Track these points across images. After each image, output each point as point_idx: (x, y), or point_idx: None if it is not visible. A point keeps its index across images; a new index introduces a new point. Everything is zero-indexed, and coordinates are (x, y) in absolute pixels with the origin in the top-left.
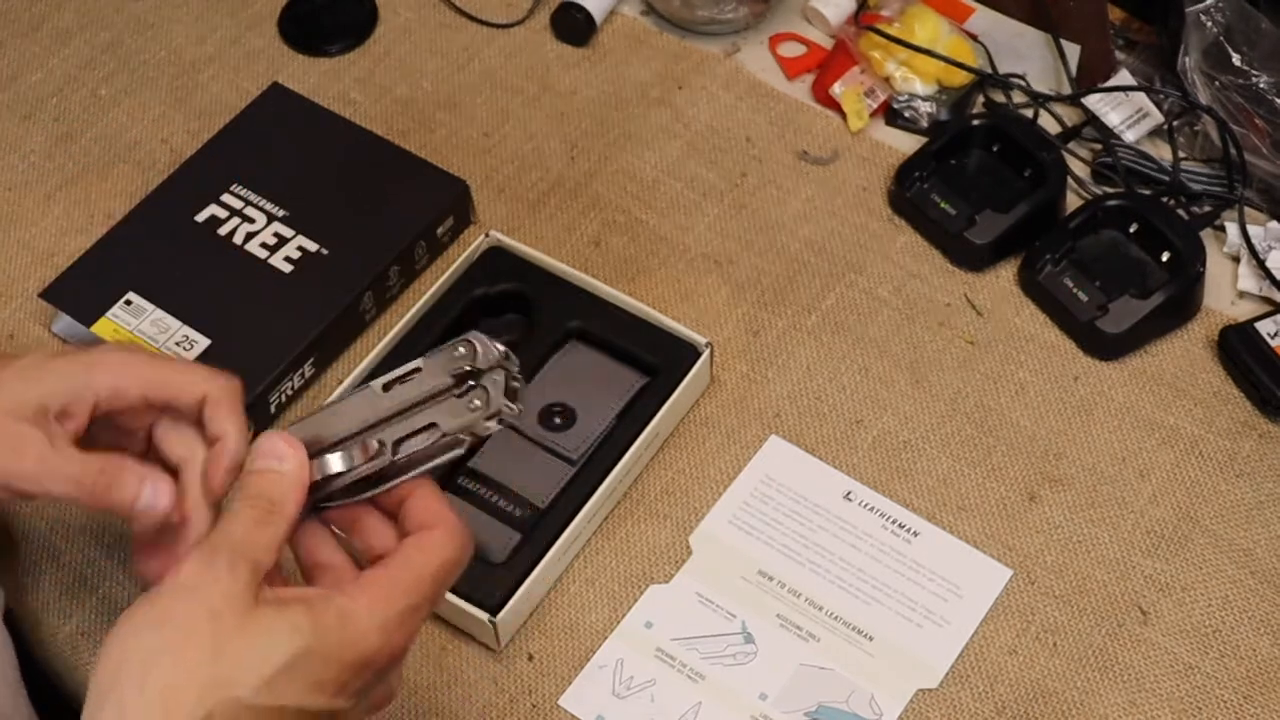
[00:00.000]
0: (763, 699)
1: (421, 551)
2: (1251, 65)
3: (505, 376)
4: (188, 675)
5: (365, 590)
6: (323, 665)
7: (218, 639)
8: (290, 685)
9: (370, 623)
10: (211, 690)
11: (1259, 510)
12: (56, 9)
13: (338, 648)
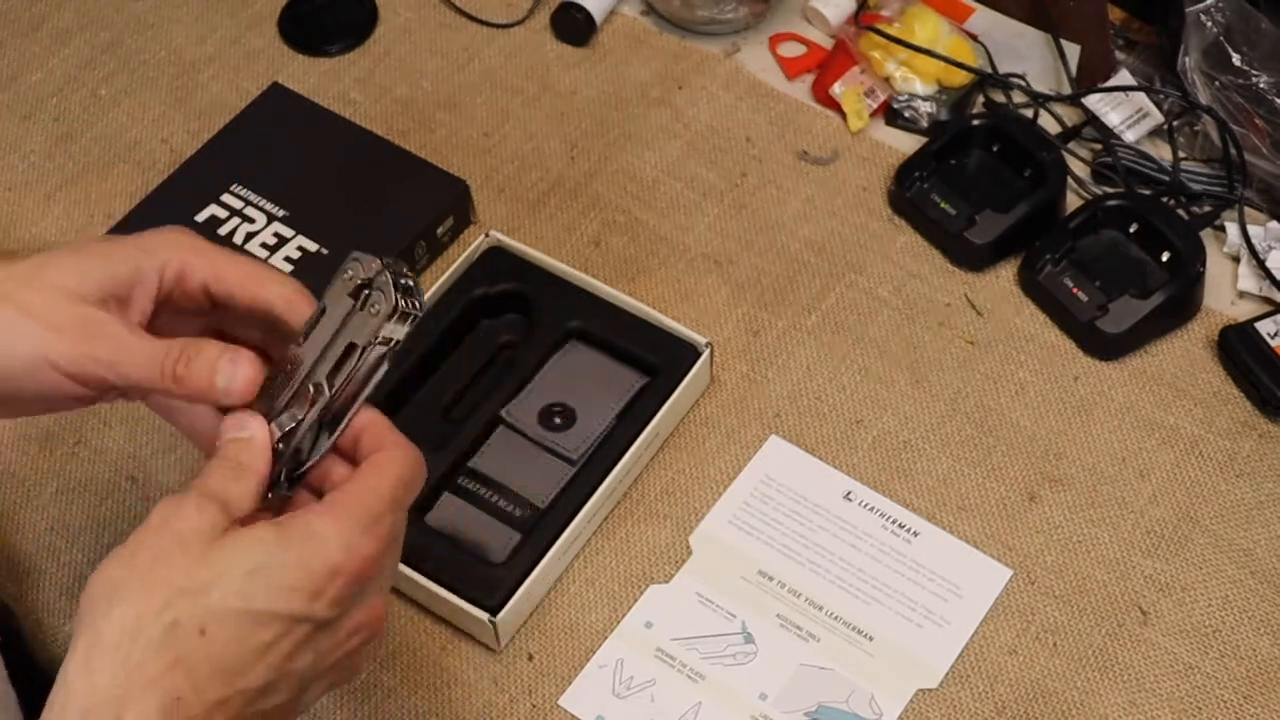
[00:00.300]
0: (763, 699)
1: (374, 469)
2: (1251, 65)
3: (393, 277)
4: (152, 593)
5: (326, 508)
6: (289, 571)
7: (185, 560)
8: (258, 588)
9: (332, 531)
10: (178, 599)
11: (1259, 510)
12: (56, 9)
13: (302, 555)
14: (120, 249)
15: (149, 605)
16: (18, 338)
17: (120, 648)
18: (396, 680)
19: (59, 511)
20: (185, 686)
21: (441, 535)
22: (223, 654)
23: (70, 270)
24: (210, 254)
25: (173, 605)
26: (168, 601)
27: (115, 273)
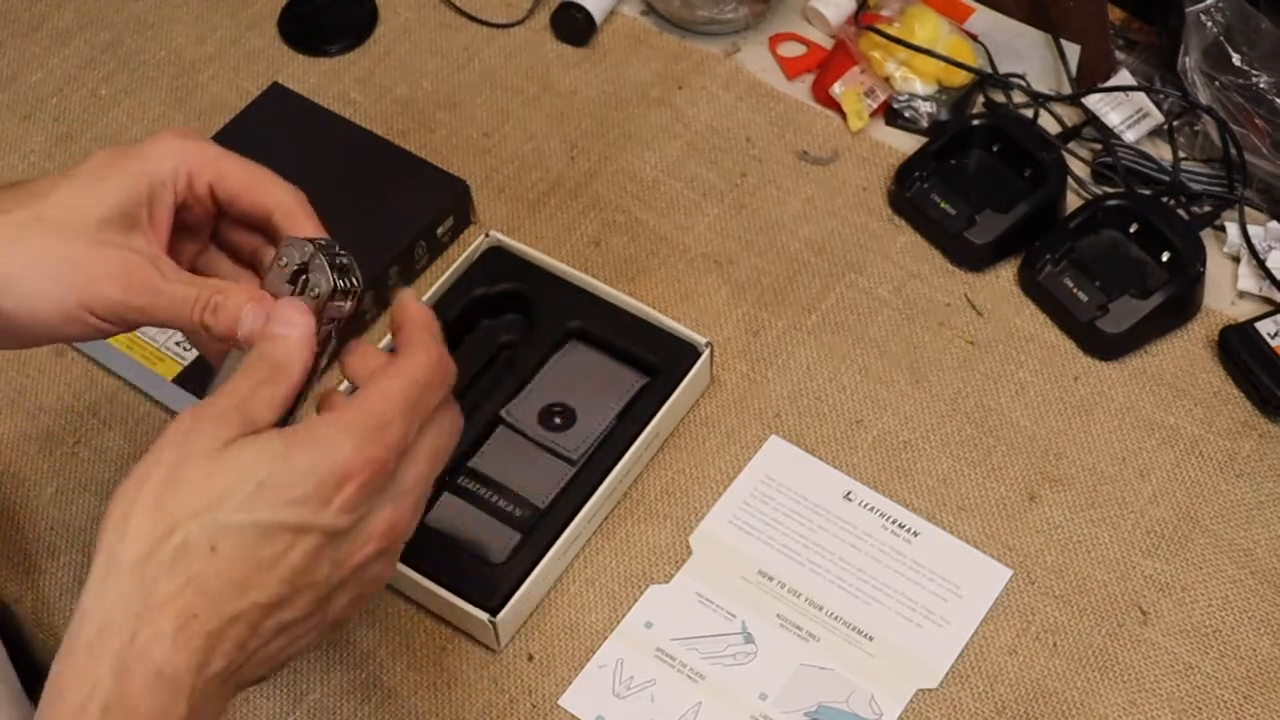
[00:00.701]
0: (763, 699)
1: (387, 374)
2: (1251, 65)
3: (327, 258)
4: (162, 516)
5: (334, 414)
6: (296, 481)
7: (195, 477)
8: (265, 500)
9: (339, 436)
10: (187, 520)
11: (1259, 510)
12: (56, 9)
13: (309, 463)
14: (132, 165)
15: (159, 528)
16: (53, 286)
17: (134, 569)
18: (396, 680)
19: (59, 511)
20: (199, 604)
21: (441, 535)
22: (234, 569)
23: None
24: (211, 154)
25: (181, 526)
26: (176, 523)
27: (133, 194)
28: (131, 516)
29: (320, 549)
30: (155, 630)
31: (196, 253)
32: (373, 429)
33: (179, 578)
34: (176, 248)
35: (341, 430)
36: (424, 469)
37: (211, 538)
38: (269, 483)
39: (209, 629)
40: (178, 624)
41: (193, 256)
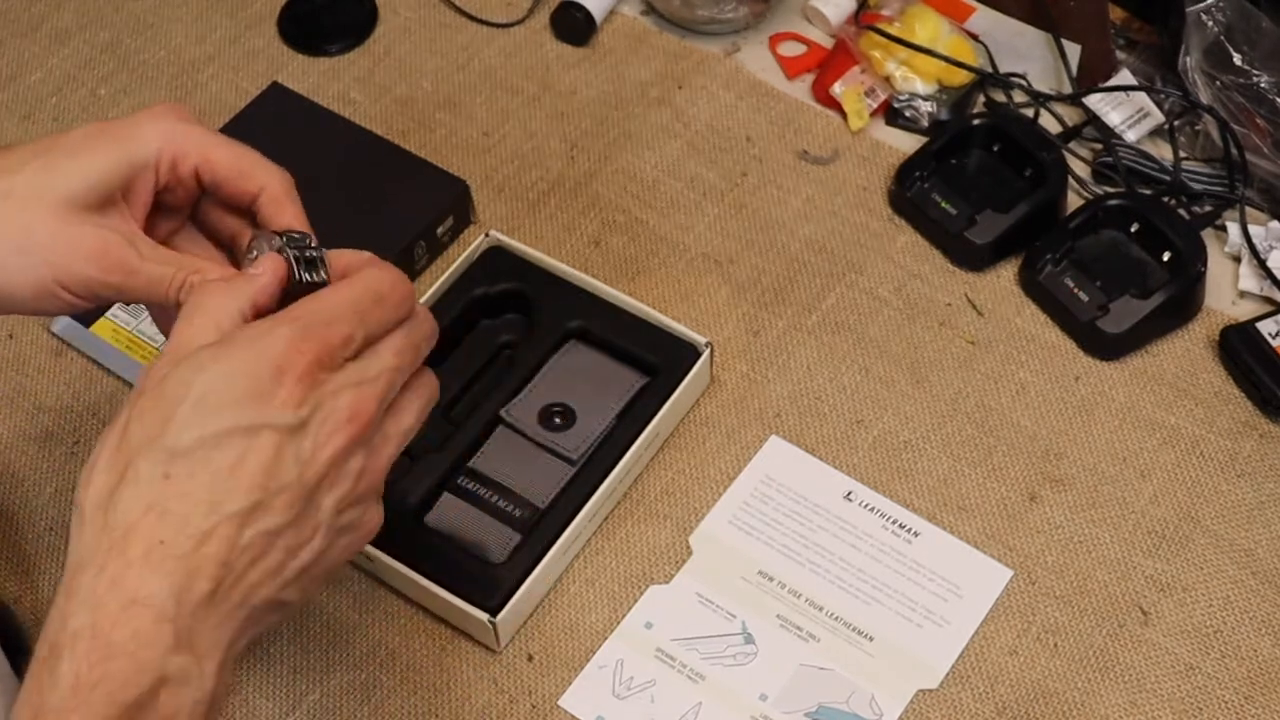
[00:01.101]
0: (763, 699)
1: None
2: (1252, 65)
3: (295, 251)
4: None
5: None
6: (232, 382)
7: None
8: (205, 411)
9: (273, 330)
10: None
11: (1260, 510)
12: (56, 9)
13: (244, 361)
14: (113, 145)
15: (115, 470)
16: (27, 261)
17: (96, 512)
18: (396, 680)
19: (58, 511)
20: (163, 528)
21: (441, 535)
22: (192, 488)
23: (71, 177)
24: (199, 138)
25: (134, 463)
26: (129, 461)
27: (111, 173)
28: (94, 469)
29: (279, 447)
30: (123, 560)
31: (173, 230)
32: (311, 324)
33: (139, 508)
34: (154, 224)
35: (276, 325)
36: (391, 360)
37: (163, 465)
38: (206, 392)
39: (180, 551)
40: (144, 551)
41: (169, 234)
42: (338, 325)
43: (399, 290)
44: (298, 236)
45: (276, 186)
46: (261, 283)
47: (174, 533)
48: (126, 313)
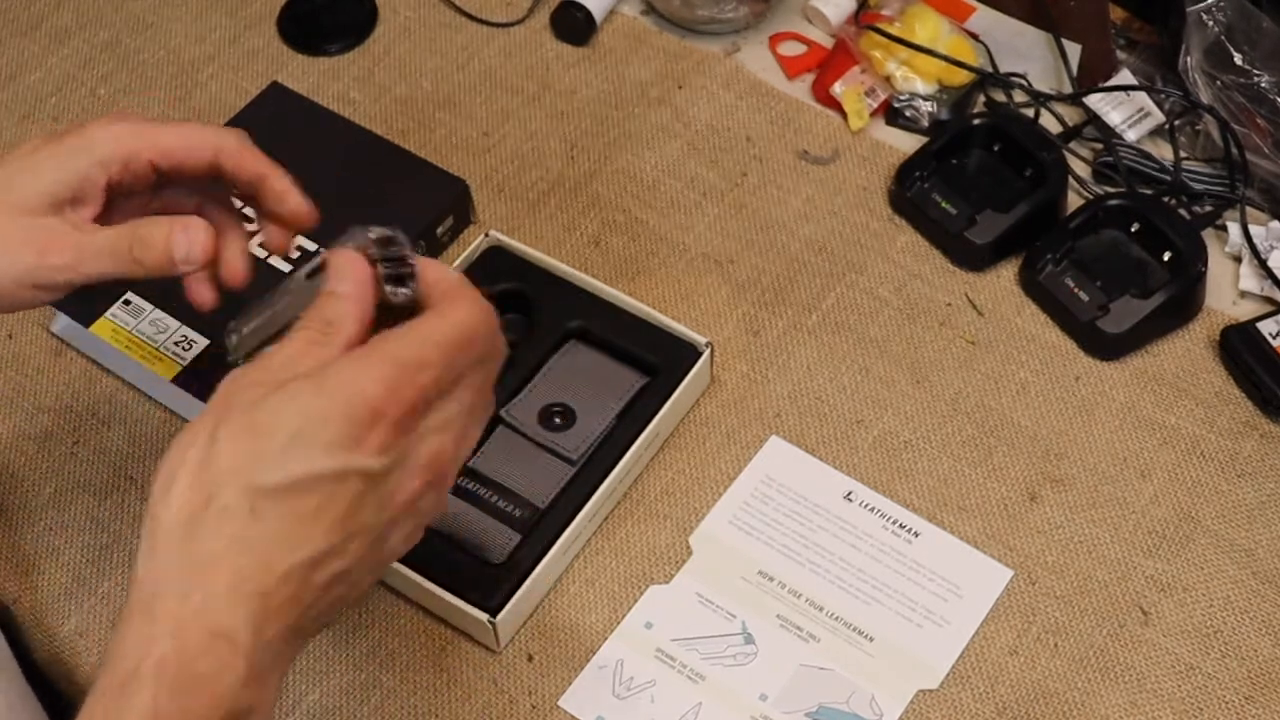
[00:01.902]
0: (763, 700)
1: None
2: (1253, 64)
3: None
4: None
5: (364, 351)
6: (327, 425)
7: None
8: (297, 455)
9: (370, 374)
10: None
11: (1260, 510)
12: (55, 8)
13: (338, 404)
14: (64, 150)
15: (200, 494)
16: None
17: (180, 534)
18: (396, 680)
19: (58, 512)
20: (247, 563)
21: (441, 535)
22: (278, 528)
23: (18, 188)
24: (151, 134)
25: (220, 491)
26: (216, 488)
27: (62, 179)
28: (175, 483)
29: (362, 494)
30: (208, 591)
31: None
32: (407, 367)
33: (224, 539)
34: (110, 216)
35: (373, 367)
36: (469, 399)
37: (250, 500)
38: (301, 435)
39: (261, 588)
40: (229, 584)
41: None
42: (430, 371)
43: (489, 328)
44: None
45: (230, 142)
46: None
47: (256, 569)
48: (126, 313)
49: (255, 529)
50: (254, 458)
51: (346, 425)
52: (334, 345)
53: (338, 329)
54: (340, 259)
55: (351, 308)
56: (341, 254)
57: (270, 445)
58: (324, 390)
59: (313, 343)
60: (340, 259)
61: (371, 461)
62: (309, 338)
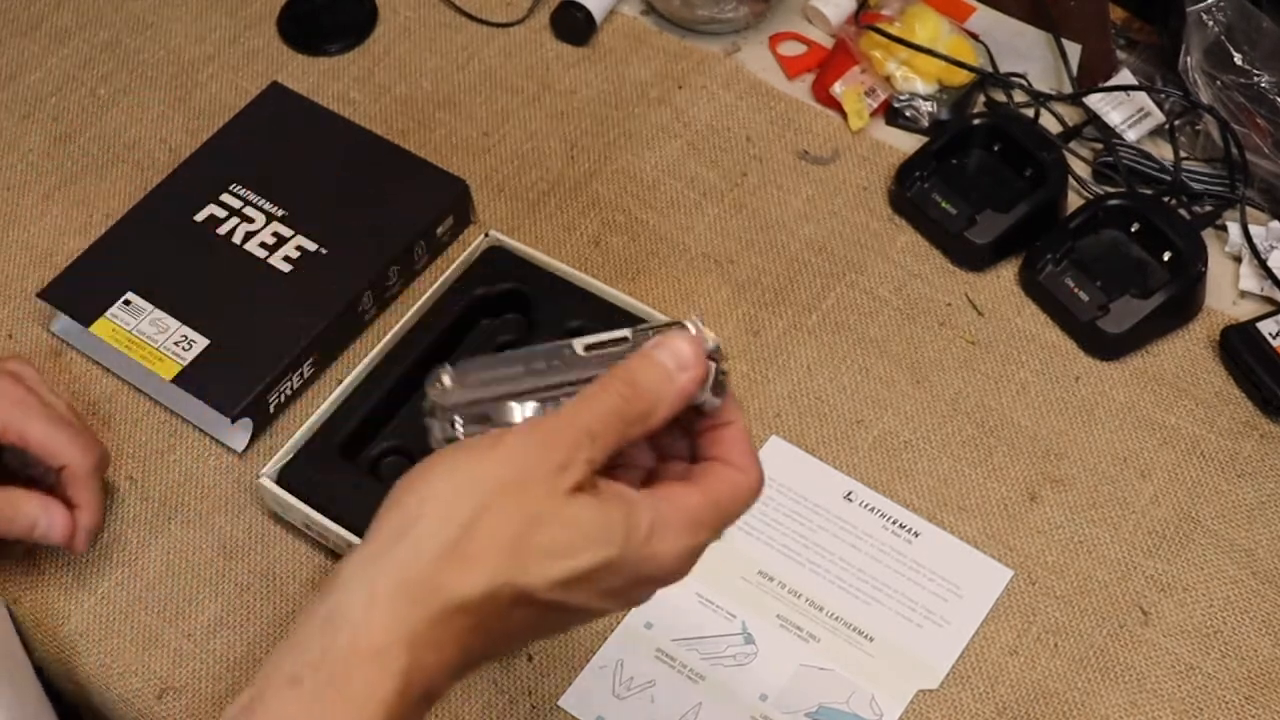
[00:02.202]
0: (763, 700)
1: (731, 487)
2: (1253, 65)
3: (714, 366)
4: (493, 543)
5: (676, 513)
6: (617, 576)
7: (532, 514)
8: (580, 590)
9: (675, 546)
10: (508, 569)
11: (1260, 510)
12: (55, 8)
13: (636, 564)
14: None
15: (477, 569)
16: None
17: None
18: None
19: None
20: (477, 643)
21: None
22: (517, 628)
23: None
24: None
25: (497, 576)
26: (495, 571)
27: None
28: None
29: (595, 612)
30: (441, 658)
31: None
32: (698, 548)
33: (475, 619)
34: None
35: (678, 536)
36: None
37: (517, 598)
38: (593, 575)
39: (472, 663)
40: (459, 656)
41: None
42: (705, 540)
43: (759, 493)
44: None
45: (79, 466)
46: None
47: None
48: (126, 312)
49: (501, 626)
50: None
51: (626, 583)
52: (639, 431)
53: (654, 416)
54: (690, 345)
55: (673, 401)
56: (694, 340)
57: (564, 568)
58: (633, 540)
59: (625, 421)
60: (690, 345)
61: (615, 606)
62: (623, 413)
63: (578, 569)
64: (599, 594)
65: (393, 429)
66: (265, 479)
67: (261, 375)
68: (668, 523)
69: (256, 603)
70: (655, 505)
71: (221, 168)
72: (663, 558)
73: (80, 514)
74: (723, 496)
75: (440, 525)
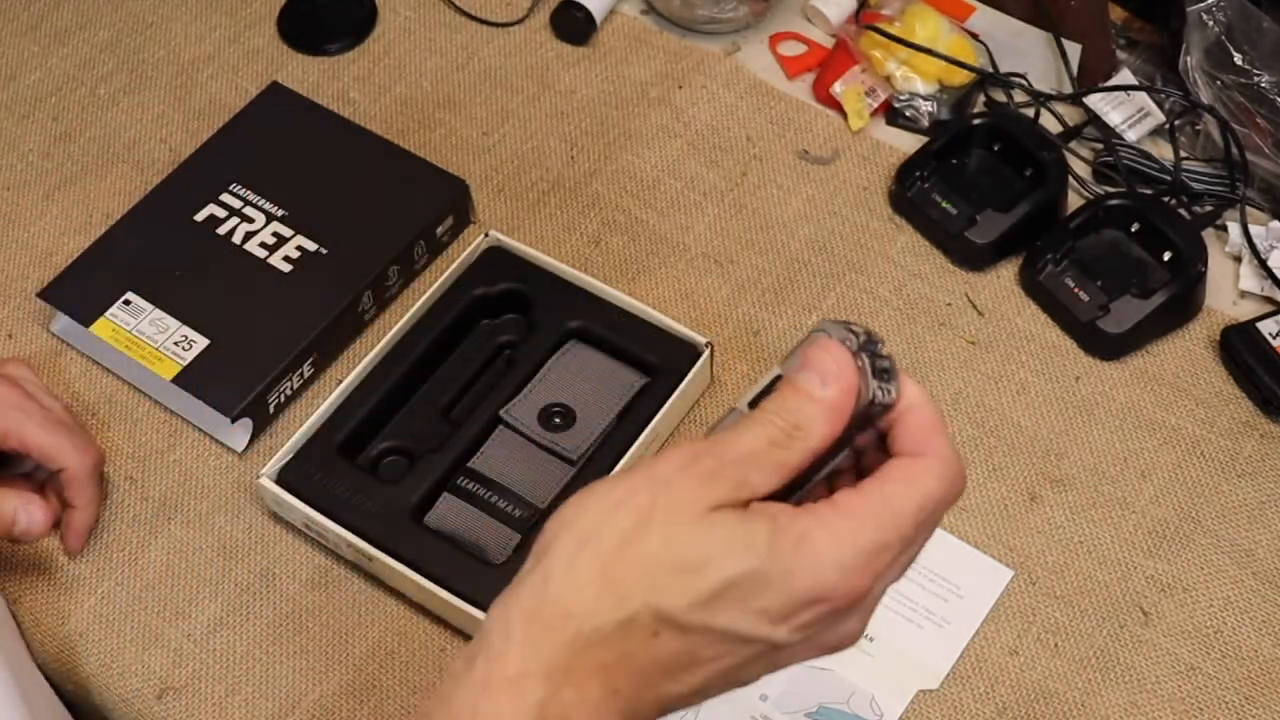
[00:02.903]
0: (763, 700)
1: (905, 482)
2: (1253, 64)
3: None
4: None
5: (834, 518)
6: (767, 591)
7: (660, 534)
8: (726, 607)
9: (830, 556)
10: (638, 593)
11: (1260, 511)
12: (55, 8)
13: (786, 576)
14: None
15: (610, 591)
16: None
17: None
18: (396, 680)
19: None
20: (626, 681)
21: (441, 535)
22: (669, 658)
23: None
24: (20, 424)
25: (633, 598)
26: (629, 593)
27: None
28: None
29: (758, 657)
30: (581, 695)
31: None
32: (867, 553)
33: (616, 650)
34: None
35: (835, 544)
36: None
37: (658, 623)
38: (736, 586)
39: (628, 709)
40: (603, 694)
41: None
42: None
43: (957, 490)
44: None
45: (77, 469)
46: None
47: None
48: (126, 312)
49: (647, 653)
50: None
51: (784, 602)
52: (797, 452)
53: (806, 435)
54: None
55: (827, 416)
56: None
57: (705, 579)
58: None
59: (775, 444)
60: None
61: (788, 637)
62: (772, 437)
63: (717, 582)
64: (755, 614)
65: (393, 429)
66: (265, 479)
67: (261, 375)
68: (822, 526)
69: (256, 603)
70: (810, 514)
71: (221, 168)
72: (822, 569)
73: (76, 514)
74: (894, 493)
75: (574, 550)
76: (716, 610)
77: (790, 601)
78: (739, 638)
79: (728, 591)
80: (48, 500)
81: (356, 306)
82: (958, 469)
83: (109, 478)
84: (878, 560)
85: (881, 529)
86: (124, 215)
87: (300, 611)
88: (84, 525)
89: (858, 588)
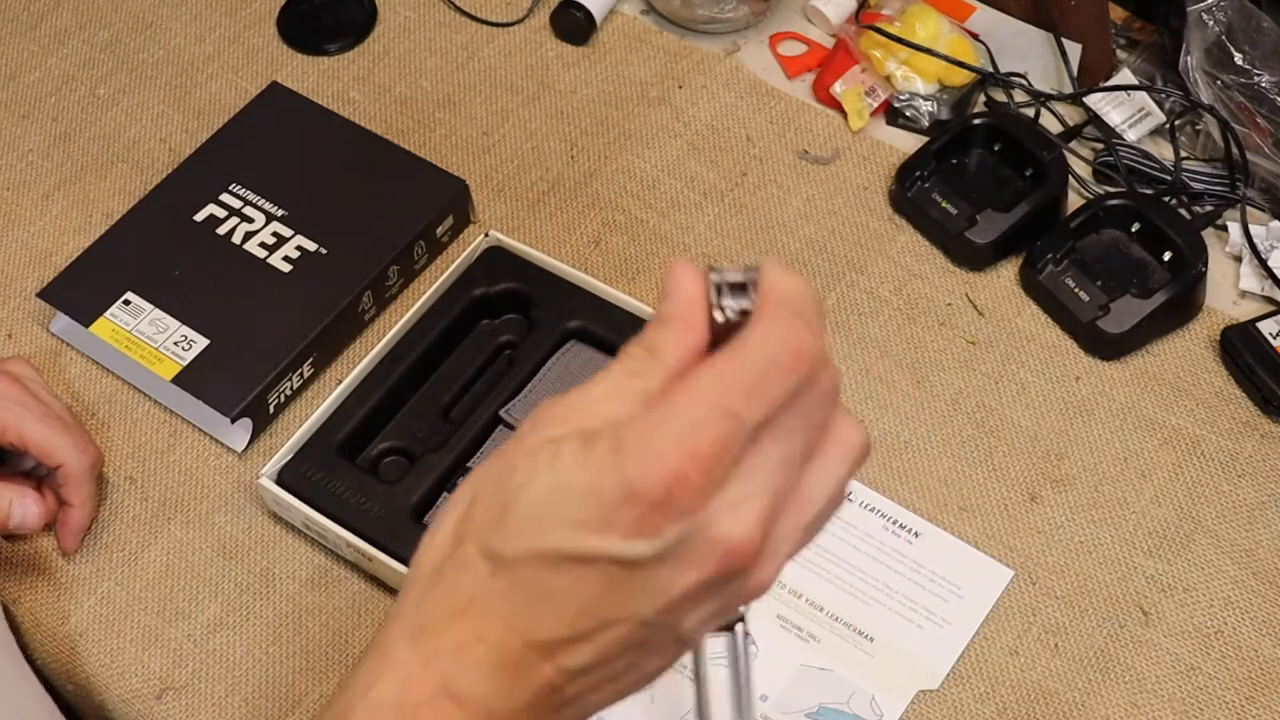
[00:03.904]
0: (763, 700)
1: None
2: (1253, 64)
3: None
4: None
5: (646, 413)
6: (573, 498)
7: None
8: (538, 526)
9: (639, 446)
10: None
11: (1260, 511)
12: (54, 8)
13: (597, 475)
14: None
15: (453, 541)
16: None
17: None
18: None
19: None
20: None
21: None
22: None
23: None
24: (20, 420)
25: (466, 544)
26: (464, 539)
27: None
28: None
29: (619, 582)
30: (438, 642)
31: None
32: (676, 437)
33: (462, 596)
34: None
35: (643, 437)
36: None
37: (489, 562)
38: (542, 502)
39: (502, 657)
40: (458, 642)
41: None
42: (709, 429)
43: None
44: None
45: (74, 467)
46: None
47: (495, 634)
48: (125, 312)
49: (493, 591)
50: (499, 517)
51: (597, 503)
52: (653, 378)
53: (659, 355)
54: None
55: (673, 332)
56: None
57: (521, 501)
58: (590, 461)
59: (630, 374)
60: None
61: (630, 548)
62: (626, 368)
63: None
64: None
65: (393, 429)
66: (265, 479)
67: (261, 375)
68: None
69: (256, 603)
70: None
71: (221, 168)
72: (624, 463)
73: (72, 513)
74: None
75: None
76: (530, 533)
77: (602, 501)
78: (574, 558)
79: (534, 509)
80: (45, 497)
81: (356, 306)
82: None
83: (108, 477)
84: (695, 440)
85: (694, 407)
86: (124, 215)
87: (300, 611)
88: (79, 524)
89: (675, 471)
